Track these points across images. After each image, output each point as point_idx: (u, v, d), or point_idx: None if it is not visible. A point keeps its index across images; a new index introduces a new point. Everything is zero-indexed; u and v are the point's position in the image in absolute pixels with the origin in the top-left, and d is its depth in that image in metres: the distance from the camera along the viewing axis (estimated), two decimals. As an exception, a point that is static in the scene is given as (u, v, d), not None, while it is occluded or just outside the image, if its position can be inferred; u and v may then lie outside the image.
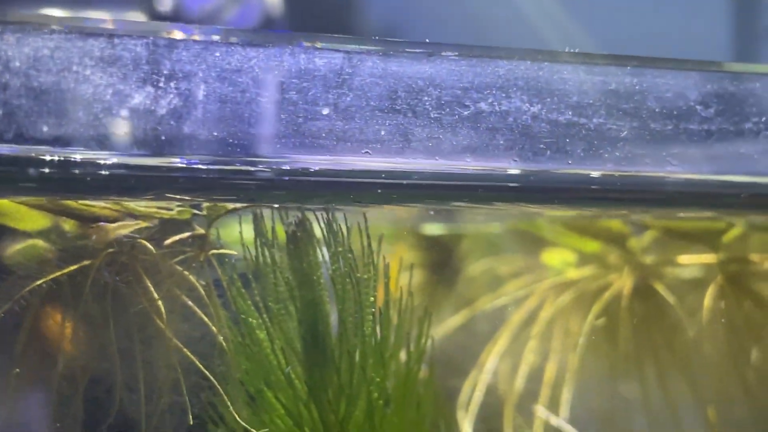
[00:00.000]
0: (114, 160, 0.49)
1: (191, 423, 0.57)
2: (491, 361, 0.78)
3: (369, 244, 0.60)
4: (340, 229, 0.59)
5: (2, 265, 0.61)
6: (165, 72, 0.49)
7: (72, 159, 0.48)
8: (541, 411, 0.76)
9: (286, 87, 0.51)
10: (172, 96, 0.49)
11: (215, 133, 0.50)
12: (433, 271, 0.83)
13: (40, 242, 0.61)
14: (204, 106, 0.50)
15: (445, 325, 0.81)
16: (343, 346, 0.60)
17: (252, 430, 0.56)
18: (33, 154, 0.47)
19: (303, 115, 0.51)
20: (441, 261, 0.84)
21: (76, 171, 0.48)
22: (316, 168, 0.52)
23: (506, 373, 0.79)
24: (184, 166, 0.51)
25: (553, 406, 0.77)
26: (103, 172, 0.49)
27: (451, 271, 0.84)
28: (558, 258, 0.80)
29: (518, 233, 0.81)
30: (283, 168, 0.52)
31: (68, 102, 0.48)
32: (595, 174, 0.55)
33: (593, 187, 0.56)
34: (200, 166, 0.51)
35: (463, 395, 0.77)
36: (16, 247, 0.61)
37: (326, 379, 0.60)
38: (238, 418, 0.56)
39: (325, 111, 0.51)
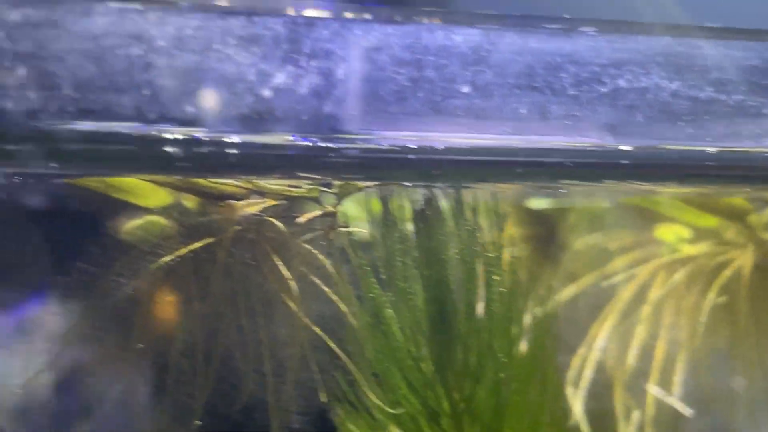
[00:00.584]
0: (255, 139, 0.49)
1: (323, 401, 0.57)
2: (601, 337, 0.77)
3: (498, 222, 0.59)
4: (468, 207, 0.59)
5: (122, 241, 0.61)
6: (304, 51, 0.49)
7: (217, 139, 0.47)
8: (653, 390, 0.74)
9: (424, 64, 0.50)
10: (311, 75, 0.49)
11: (353, 113, 0.50)
12: (539, 246, 0.82)
13: (159, 218, 0.62)
14: (343, 84, 0.49)
15: (552, 301, 0.80)
16: (469, 325, 0.59)
17: (385, 407, 0.56)
18: (176, 134, 0.47)
19: (441, 93, 0.51)
20: (547, 235, 0.83)
21: (218, 150, 0.48)
22: (448, 146, 0.52)
23: (616, 351, 0.78)
24: (316, 145, 0.50)
25: (665, 385, 0.76)
26: (238, 152, 0.49)
27: (557, 246, 0.83)
28: (672, 233, 0.78)
29: (630, 207, 0.80)
30: (416, 147, 0.51)
31: (210, 81, 0.48)
32: (737, 149, 0.54)
33: (733, 164, 0.54)
34: (331, 145, 0.51)
35: (572, 371, 0.76)
36: (135, 223, 0.62)
37: (452, 358, 0.60)
38: (373, 397, 0.56)
39: (465, 89, 0.51)
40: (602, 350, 0.77)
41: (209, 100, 0.47)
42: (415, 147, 0.51)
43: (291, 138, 0.50)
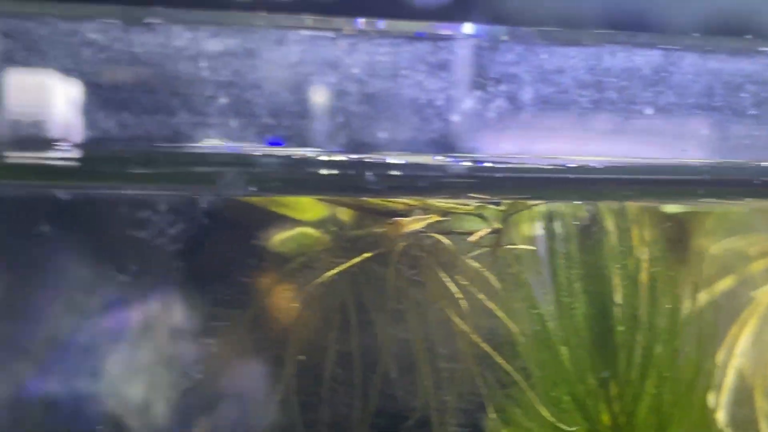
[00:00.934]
0: (433, 161, 0.49)
1: (489, 415, 0.57)
2: (741, 343, 0.77)
3: (657, 240, 0.59)
4: (628, 223, 0.59)
5: (275, 251, 0.62)
6: (490, 75, 0.49)
7: (411, 162, 0.48)
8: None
9: (605, 86, 0.50)
10: (498, 99, 0.49)
11: (534, 134, 0.50)
12: (672, 250, 0.81)
13: (311, 230, 0.62)
14: (528, 107, 0.50)
15: (687, 306, 0.79)
16: (631, 338, 0.60)
17: (560, 424, 0.57)
18: (371, 158, 0.48)
19: (623, 114, 0.51)
20: (680, 239, 0.82)
21: (410, 173, 0.48)
22: (634, 165, 0.52)
23: (756, 357, 0.77)
24: (492, 166, 0.51)
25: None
26: (427, 174, 0.49)
27: (691, 250, 0.82)
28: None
29: None
30: (601, 167, 0.52)
31: (398, 106, 0.48)
32: None
33: None
34: (502, 165, 0.51)
35: (714, 378, 0.76)
36: (287, 234, 0.62)
37: (614, 370, 0.60)
38: (545, 413, 0.56)
39: (648, 111, 0.51)
40: (742, 356, 0.76)
41: (399, 124, 0.48)
42: (600, 167, 0.51)
43: (471, 161, 0.50)
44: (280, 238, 0.62)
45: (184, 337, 0.65)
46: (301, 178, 0.48)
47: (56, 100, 0.48)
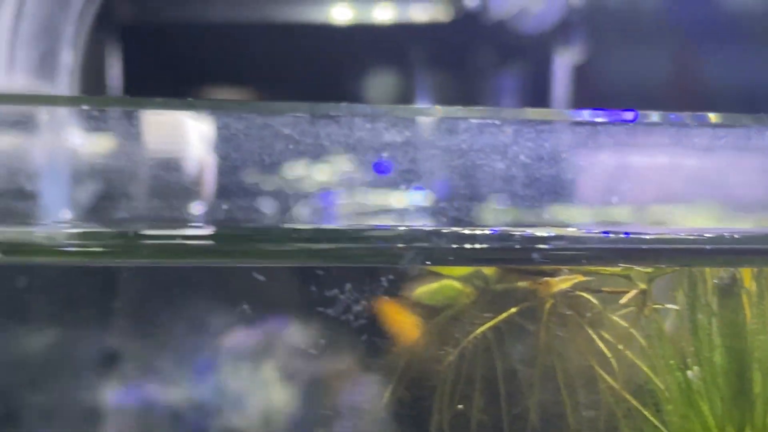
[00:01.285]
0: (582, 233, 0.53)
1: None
2: None
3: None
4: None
5: (418, 302, 0.66)
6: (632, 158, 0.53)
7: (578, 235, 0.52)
8: None
9: (757, 166, 0.54)
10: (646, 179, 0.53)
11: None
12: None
13: (456, 283, 0.66)
14: (681, 186, 0.53)
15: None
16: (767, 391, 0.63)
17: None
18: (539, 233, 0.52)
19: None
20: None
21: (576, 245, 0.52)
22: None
23: None
24: (638, 237, 0.54)
25: None
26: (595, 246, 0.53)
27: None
28: None
29: None
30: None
31: (560, 188, 0.52)
32: None
33: None
34: (647, 236, 0.54)
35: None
36: (431, 287, 0.66)
37: (752, 421, 0.63)
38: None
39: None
40: None
41: (568, 207, 0.51)
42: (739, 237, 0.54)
43: (619, 232, 0.54)
44: (426, 290, 0.66)
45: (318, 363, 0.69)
46: (467, 251, 0.52)
47: (192, 139, 0.52)
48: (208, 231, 0.53)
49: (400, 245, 0.51)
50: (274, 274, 0.65)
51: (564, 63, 1.68)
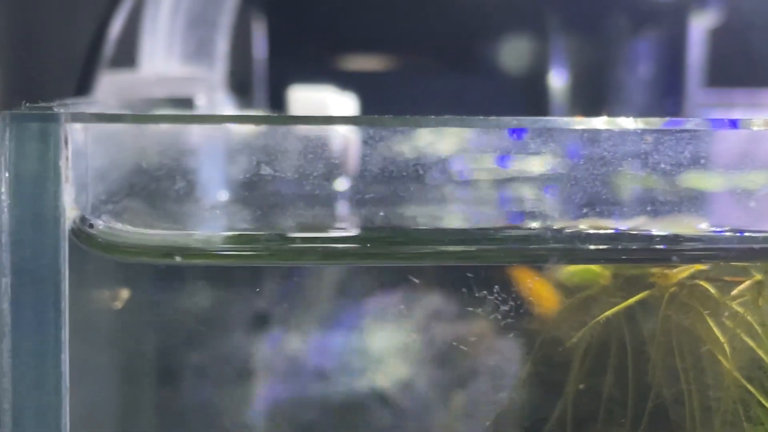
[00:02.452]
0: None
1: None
2: None
3: None
4: None
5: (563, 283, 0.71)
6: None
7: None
8: None
9: None
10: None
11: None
12: None
13: (595, 267, 0.71)
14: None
15: None
16: None
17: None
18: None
19: None
20: None
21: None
22: None
23: None
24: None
25: None
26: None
27: None
28: None
29: None
30: None
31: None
32: None
33: None
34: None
35: None
36: (575, 269, 0.71)
37: None
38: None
39: None
40: None
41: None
42: None
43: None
44: (568, 270, 0.71)
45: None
46: (609, 252, 0.57)
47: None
48: (353, 233, 0.58)
49: (545, 246, 0.56)
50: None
51: (700, 27, 1.68)
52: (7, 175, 0.56)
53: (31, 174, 0.57)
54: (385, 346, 0.73)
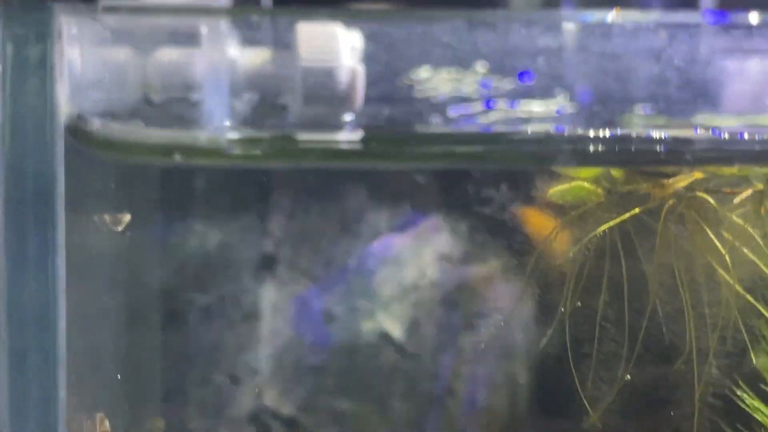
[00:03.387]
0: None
1: (753, 362, 0.64)
2: None
3: None
4: None
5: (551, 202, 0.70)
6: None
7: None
8: None
9: None
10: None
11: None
12: None
13: (586, 184, 0.70)
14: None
15: None
16: None
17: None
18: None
19: None
20: None
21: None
22: None
23: None
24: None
25: None
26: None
27: None
28: None
29: None
30: None
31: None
32: None
33: None
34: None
35: None
36: (563, 187, 0.70)
37: None
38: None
39: None
40: None
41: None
42: None
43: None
44: (557, 190, 0.70)
45: (456, 263, 0.73)
46: (618, 153, 0.55)
47: (344, 50, 0.55)
48: (359, 134, 0.56)
49: (554, 147, 0.54)
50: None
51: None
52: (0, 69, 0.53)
53: (24, 67, 0.54)
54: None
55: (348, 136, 0.55)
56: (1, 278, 0.53)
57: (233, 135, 0.55)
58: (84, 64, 0.55)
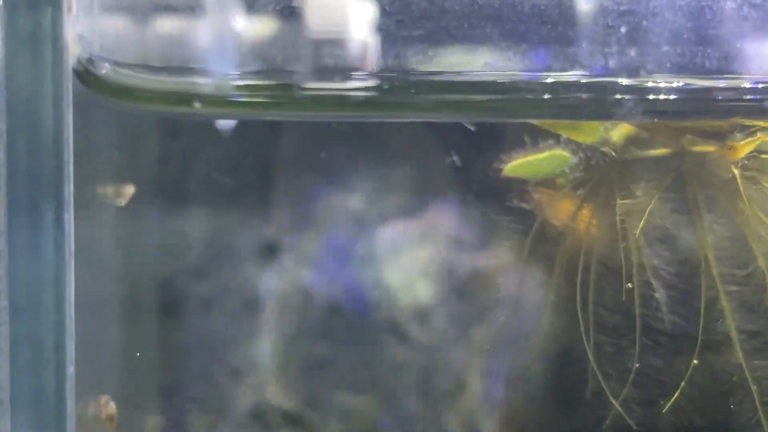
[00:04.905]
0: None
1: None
2: None
3: None
4: None
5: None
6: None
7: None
8: None
9: None
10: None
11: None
12: None
13: (563, 152, 0.65)
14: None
15: None
16: None
17: None
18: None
19: None
20: None
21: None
22: None
23: None
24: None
25: None
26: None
27: None
28: None
29: None
30: None
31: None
32: None
33: None
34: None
35: None
36: (538, 156, 0.65)
37: None
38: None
39: None
40: None
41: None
42: None
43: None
44: (531, 159, 0.65)
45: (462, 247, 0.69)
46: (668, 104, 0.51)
47: (355, 20, 0.51)
48: (369, 82, 0.52)
49: (576, 96, 0.50)
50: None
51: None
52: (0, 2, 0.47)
53: (28, 1, 0.47)
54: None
55: (359, 84, 0.51)
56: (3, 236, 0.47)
57: (238, 82, 0.50)
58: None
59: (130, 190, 0.59)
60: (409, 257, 0.68)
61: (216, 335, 0.67)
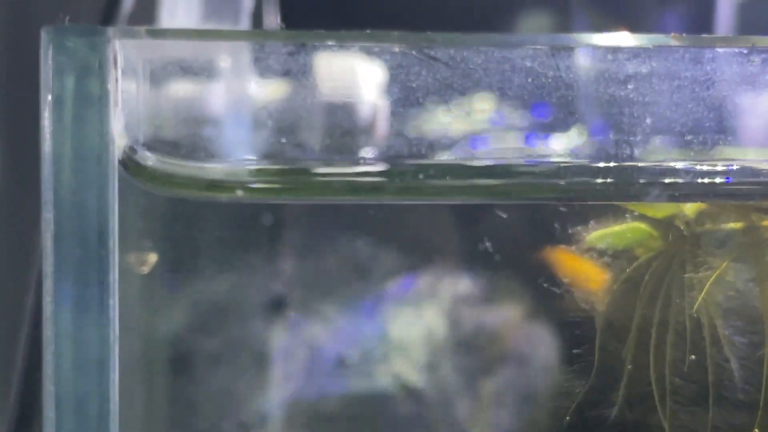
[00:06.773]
0: None
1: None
2: None
3: None
4: None
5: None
6: None
7: None
8: None
9: None
10: None
11: None
12: None
13: (643, 225, 0.64)
14: None
15: None
16: None
17: None
18: None
19: None
20: None
21: None
22: None
23: None
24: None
25: None
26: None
27: None
28: None
29: None
30: None
31: None
32: None
33: None
34: None
35: None
36: (614, 229, 0.65)
37: None
38: None
39: None
40: None
41: None
42: None
43: None
44: (607, 233, 0.65)
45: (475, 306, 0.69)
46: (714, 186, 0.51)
47: (364, 83, 0.52)
48: (380, 167, 0.53)
49: (643, 181, 0.50)
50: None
51: (727, 1, 1.63)
52: (49, 98, 0.50)
53: (76, 97, 0.50)
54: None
55: (369, 168, 0.52)
56: (50, 321, 0.50)
57: (251, 167, 0.52)
58: (139, 92, 0.52)
59: (152, 258, 0.61)
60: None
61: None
